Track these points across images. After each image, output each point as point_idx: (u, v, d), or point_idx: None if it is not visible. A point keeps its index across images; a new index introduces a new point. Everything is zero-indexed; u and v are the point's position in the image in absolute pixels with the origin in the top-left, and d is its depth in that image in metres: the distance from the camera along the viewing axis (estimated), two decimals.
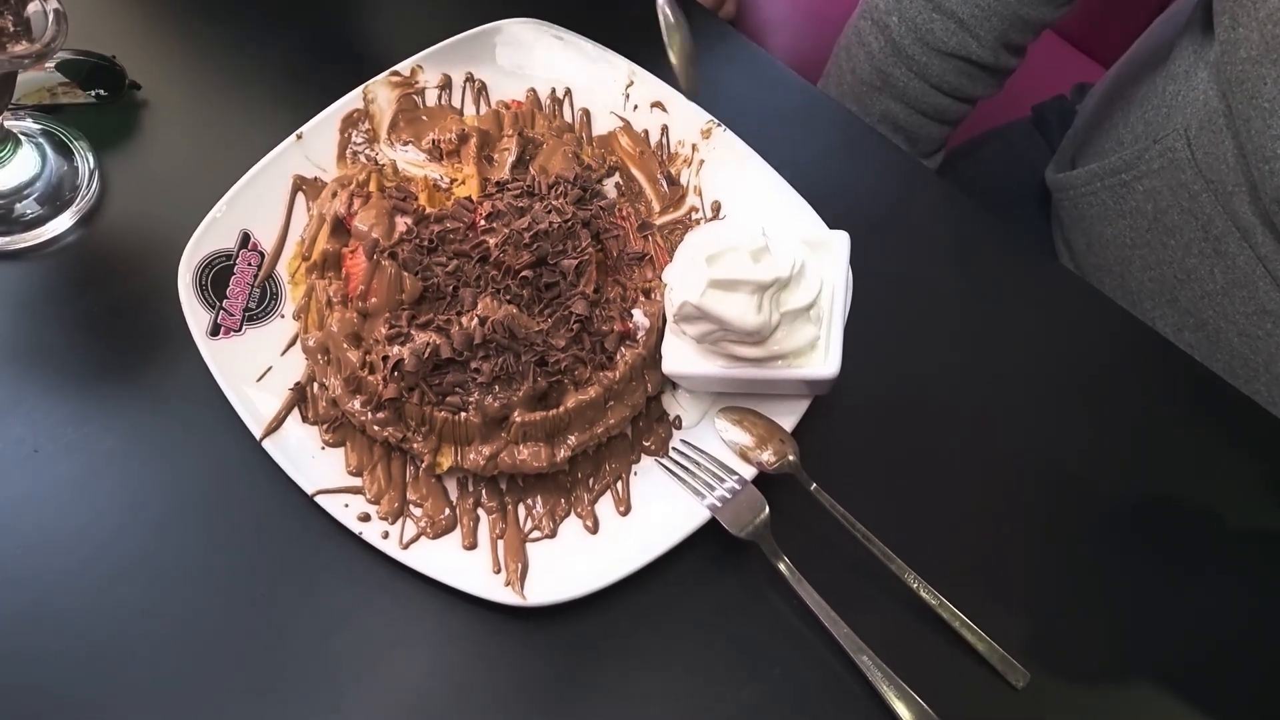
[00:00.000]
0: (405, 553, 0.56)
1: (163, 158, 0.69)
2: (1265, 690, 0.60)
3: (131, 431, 0.60)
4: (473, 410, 0.57)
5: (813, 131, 0.76)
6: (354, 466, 0.59)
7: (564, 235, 0.60)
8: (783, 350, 0.57)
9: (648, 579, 0.57)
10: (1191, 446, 0.67)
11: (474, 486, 0.59)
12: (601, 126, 0.71)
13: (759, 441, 0.60)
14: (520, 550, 0.57)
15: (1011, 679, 0.57)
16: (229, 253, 0.62)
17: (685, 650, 0.57)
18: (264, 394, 0.59)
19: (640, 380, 0.61)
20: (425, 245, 0.60)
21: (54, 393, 0.61)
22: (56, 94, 0.68)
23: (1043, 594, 0.61)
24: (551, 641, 0.57)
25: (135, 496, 0.58)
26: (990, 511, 0.63)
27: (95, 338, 0.63)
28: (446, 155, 0.67)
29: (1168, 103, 0.76)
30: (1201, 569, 0.63)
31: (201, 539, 0.58)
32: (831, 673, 0.57)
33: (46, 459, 0.59)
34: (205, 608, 0.56)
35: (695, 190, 0.69)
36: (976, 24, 0.80)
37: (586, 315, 0.59)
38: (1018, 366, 0.69)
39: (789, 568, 0.57)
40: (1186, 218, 0.74)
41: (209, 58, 0.74)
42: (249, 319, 0.61)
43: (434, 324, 0.58)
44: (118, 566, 0.56)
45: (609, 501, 0.59)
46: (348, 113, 0.67)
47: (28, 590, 0.56)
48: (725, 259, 0.55)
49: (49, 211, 0.65)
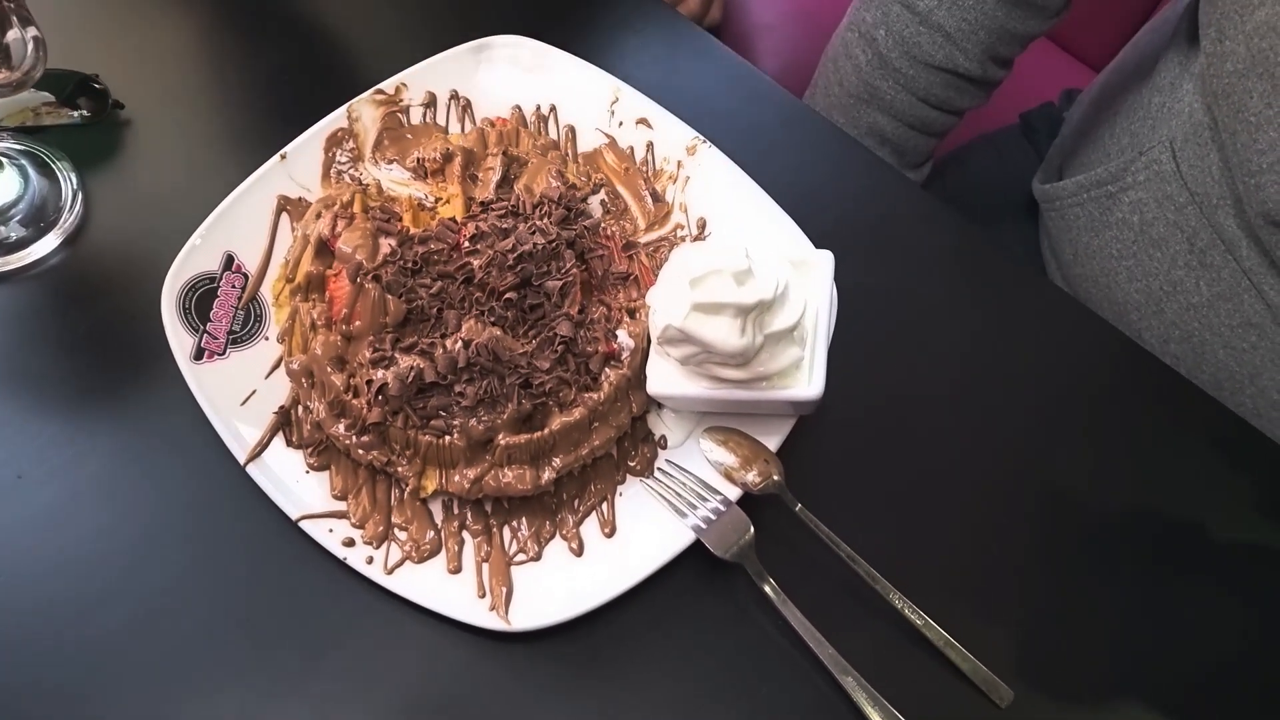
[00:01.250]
0: (390, 578, 0.56)
1: (146, 177, 0.69)
2: (1256, 707, 0.60)
3: (116, 455, 0.60)
4: (457, 433, 0.57)
5: (799, 146, 0.76)
6: (339, 490, 0.59)
7: (548, 256, 0.60)
8: (767, 372, 0.57)
9: (633, 601, 0.57)
10: (1178, 461, 0.67)
11: (459, 509, 0.59)
12: (587, 143, 0.71)
13: (744, 462, 0.60)
14: (505, 574, 0.57)
15: (996, 698, 0.57)
16: (213, 275, 0.62)
17: (670, 672, 0.57)
18: (248, 418, 0.59)
19: (625, 401, 0.61)
20: (409, 267, 0.60)
21: (38, 416, 0.61)
22: (40, 114, 0.68)
23: (1028, 612, 0.61)
24: (537, 663, 0.57)
25: (120, 521, 0.58)
26: (976, 529, 0.63)
27: (79, 360, 0.63)
28: (431, 174, 0.67)
29: (1153, 115, 0.76)
30: (1189, 584, 0.63)
31: (186, 563, 0.58)
32: (818, 693, 0.57)
33: (31, 484, 0.58)
34: (190, 632, 0.56)
35: (680, 207, 0.69)
36: (963, 37, 0.80)
37: (571, 336, 0.59)
38: (1004, 383, 0.69)
39: (774, 589, 0.57)
40: (1172, 230, 0.74)
41: (192, 77, 0.73)
42: (233, 342, 0.61)
43: (418, 347, 0.58)
44: (102, 592, 0.56)
45: (594, 523, 0.59)
46: (332, 131, 0.67)
47: (12, 616, 0.55)
48: (708, 282, 0.55)
49: (33, 233, 0.65)
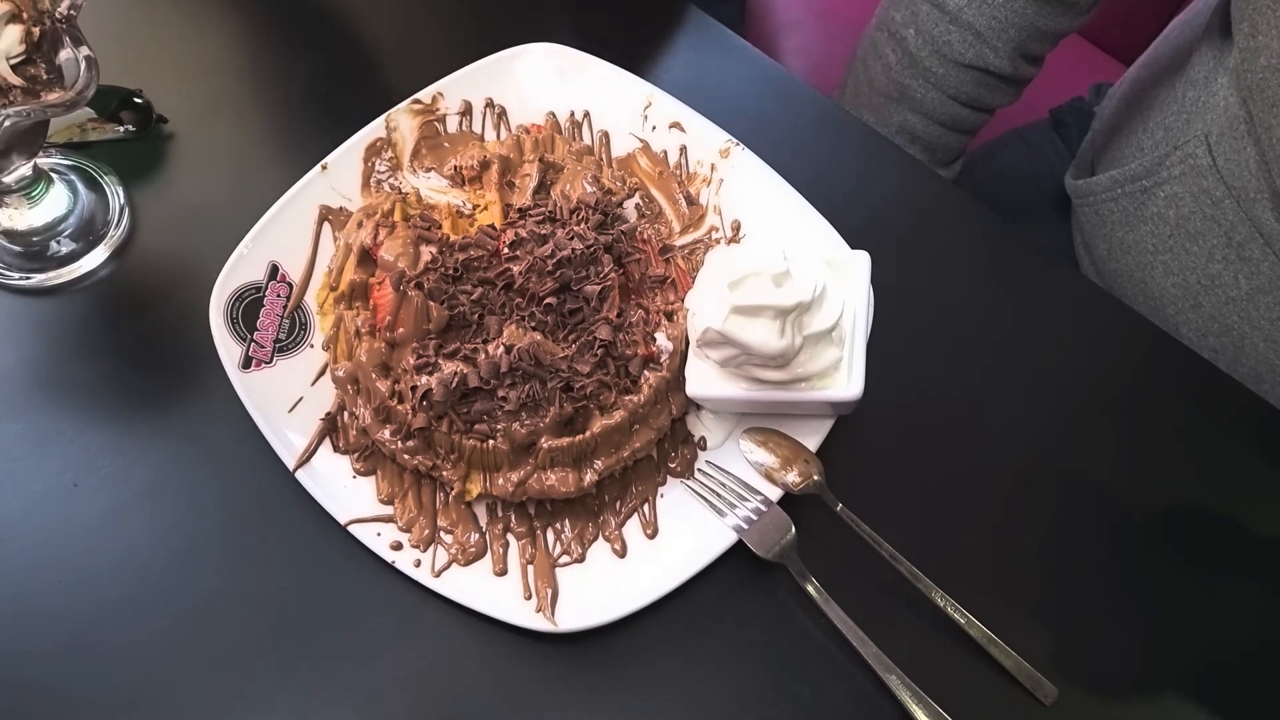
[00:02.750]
0: (437, 581, 0.57)
1: (191, 190, 0.70)
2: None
3: (167, 463, 0.61)
4: (500, 437, 0.58)
5: (831, 146, 0.77)
6: (385, 495, 0.60)
7: (586, 261, 0.61)
8: (806, 373, 0.57)
9: (676, 601, 0.58)
10: (1218, 455, 0.67)
11: (503, 512, 0.60)
12: (621, 148, 0.72)
13: (784, 462, 0.61)
14: (550, 575, 0.58)
15: (1040, 695, 0.57)
16: (258, 285, 0.63)
17: (714, 671, 0.58)
18: (296, 424, 0.61)
19: (665, 403, 0.61)
20: (450, 274, 0.60)
21: (92, 426, 0.62)
22: (86, 130, 0.69)
23: (1071, 608, 0.61)
24: (582, 664, 0.58)
25: (171, 528, 0.60)
26: (1016, 526, 0.64)
27: (130, 370, 0.64)
28: (469, 181, 0.68)
29: (1188, 109, 0.76)
30: (1229, 578, 0.63)
31: (236, 568, 0.59)
32: (861, 692, 0.57)
33: (86, 492, 0.60)
34: (240, 636, 0.57)
35: (715, 210, 0.69)
36: (993, 35, 0.80)
37: (610, 340, 0.60)
38: (1041, 380, 0.69)
39: (816, 588, 0.58)
40: (1209, 224, 0.74)
41: (233, 90, 0.75)
42: (279, 350, 0.62)
43: (461, 353, 0.59)
44: (155, 598, 0.58)
45: (636, 525, 0.60)
46: (371, 141, 0.68)
47: (69, 623, 0.57)
48: (747, 284, 0.56)
49: (82, 247, 0.66)
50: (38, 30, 0.54)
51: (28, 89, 0.53)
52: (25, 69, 0.53)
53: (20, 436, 0.61)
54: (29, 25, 0.53)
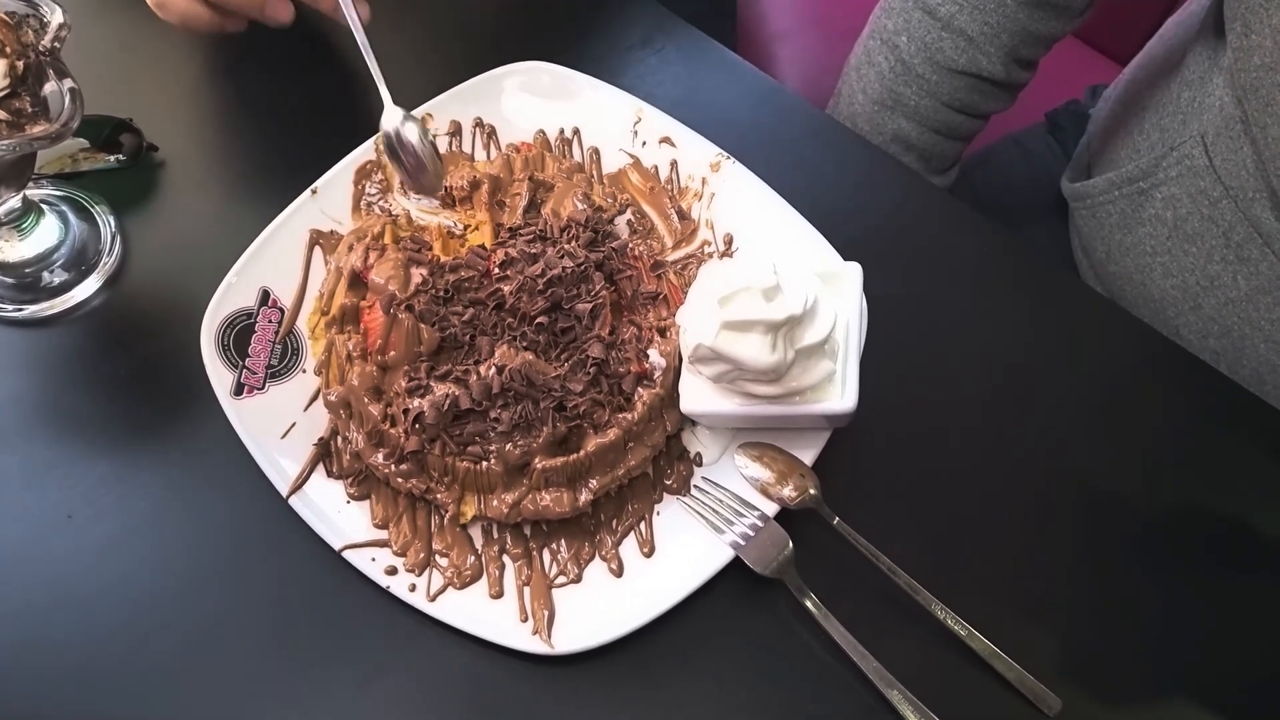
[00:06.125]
0: (433, 605, 0.57)
1: (182, 217, 0.70)
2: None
3: (162, 492, 0.61)
4: (494, 459, 0.58)
5: (823, 158, 0.76)
6: (380, 519, 0.60)
7: (577, 279, 0.61)
8: (799, 386, 0.57)
9: (674, 619, 0.57)
10: (1220, 459, 0.66)
11: (498, 534, 0.60)
12: (611, 164, 0.72)
13: (780, 477, 0.60)
14: (547, 596, 0.58)
15: (1044, 707, 0.56)
16: (249, 311, 0.63)
17: (714, 690, 0.57)
18: (289, 450, 0.60)
19: (659, 420, 0.61)
20: (441, 296, 0.60)
21: (87, 457, 0.62)
22: (78, 160, 0.70)
23: (1073, 618, 0.61)
24: (581, 685, 0.57)
25: (167, 557, 0.59)
26: (1017, 536, 0.63)
27: (125, 399, 0.64)
28: (459, 202, 0.68)
29: (1183, 109, 0.76)
30: (1234, 582, 0.63)
31: (233, 596, 0.59)
32: (863, 707, 0.57)
33: (81, 523, 0.60)
34: (238, 664, 0.57)
35: (707, 224, 0.69)
36: (986, 41, 0.80)
37: (603, 358, 0.60)
38: (1039, 386, 0.68)
39: (815, 603, 0.57)
40: (1207, 225, 0.73)
41: (222, 117, 0.75)
42: (271, 376, 0.62)
43: (453, 374, 0.59)
44: (151, 625, 0.57)
45: (633, 543, 0.60)
46: (361, 164, 0.68)
47: (71, 653, 0.57)
48: (737, 300, 0.55)
49: (74, 277, 0.66)
50: (22, 64, 0.54)
51: (12, 123, 0.53)
52: (10, 102, 0.53)
53: (18, 469, 0.61)
54: (13, 59, 0.54)
